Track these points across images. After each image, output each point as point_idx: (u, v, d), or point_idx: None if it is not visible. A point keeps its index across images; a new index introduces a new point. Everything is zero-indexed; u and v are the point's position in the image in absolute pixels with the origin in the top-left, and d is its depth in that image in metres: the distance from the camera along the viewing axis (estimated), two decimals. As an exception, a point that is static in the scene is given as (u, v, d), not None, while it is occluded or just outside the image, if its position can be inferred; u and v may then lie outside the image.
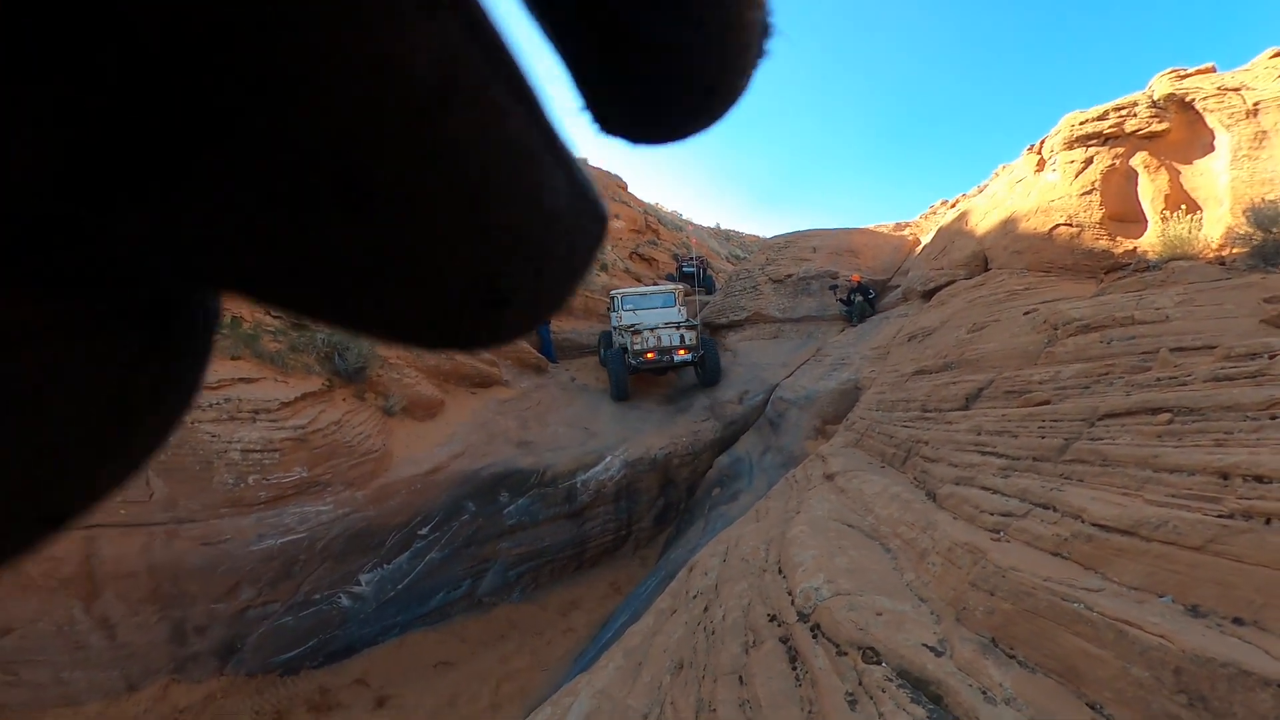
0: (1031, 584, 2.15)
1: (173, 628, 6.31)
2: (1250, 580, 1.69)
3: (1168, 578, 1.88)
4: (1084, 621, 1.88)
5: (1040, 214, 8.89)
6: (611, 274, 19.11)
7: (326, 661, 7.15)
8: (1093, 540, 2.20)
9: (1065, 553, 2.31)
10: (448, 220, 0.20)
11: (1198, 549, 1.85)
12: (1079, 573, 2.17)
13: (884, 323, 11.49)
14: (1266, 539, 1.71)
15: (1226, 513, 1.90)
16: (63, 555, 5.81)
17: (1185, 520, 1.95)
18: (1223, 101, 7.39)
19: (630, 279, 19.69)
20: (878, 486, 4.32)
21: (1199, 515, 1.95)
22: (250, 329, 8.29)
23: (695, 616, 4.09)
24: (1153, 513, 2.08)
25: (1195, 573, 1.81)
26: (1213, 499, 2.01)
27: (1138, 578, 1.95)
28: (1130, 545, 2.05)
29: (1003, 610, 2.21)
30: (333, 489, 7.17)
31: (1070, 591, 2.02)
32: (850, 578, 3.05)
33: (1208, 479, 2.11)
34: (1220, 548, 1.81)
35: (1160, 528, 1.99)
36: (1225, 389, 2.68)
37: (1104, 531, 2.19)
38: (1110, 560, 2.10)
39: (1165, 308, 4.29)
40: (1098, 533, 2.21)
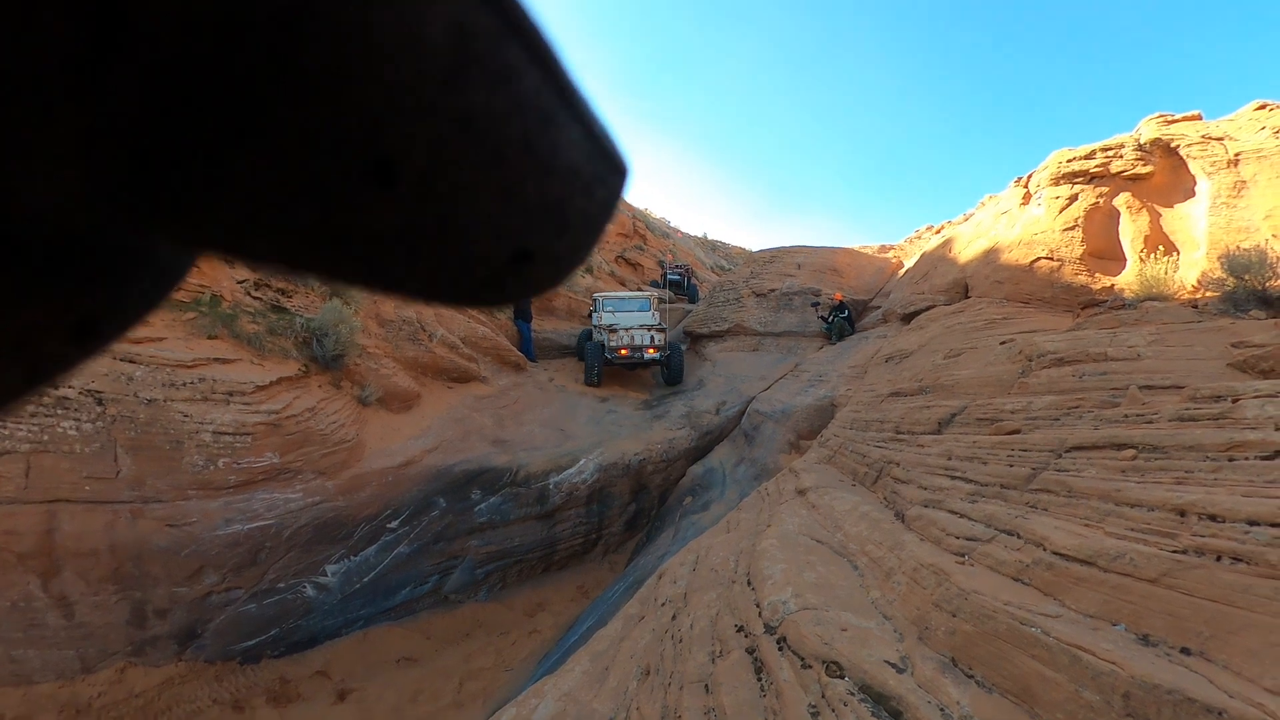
0: (992, 607, 2.23)
1: (132, 609, 6.20)
2: (1199, 613, 1.78)
3: (1122, 607, 1.97)
4: (1040, 645, 1.96)
5: (1023, 246, 9.13)
6: (596, 276, 19.15)
7: (288, 651, 7.07)
8: (1053, 568, 2.29)
9: (1026, 579, 2.40)
10: (471, 184, 0.21)
11: (1152, 581, 1.94)
12: (1038, 598, 2.25)
13: (863, 342, 11.67)
14: (1216, 575, 1.81)
15: (1181, 548, 1.99)
16: (23, 529, 5.68)
17: (1141, 553, 2.05)
18: (1206, 149, 7.69)
19: (615, 282, 19.75)
20: (848, 504, 4.40)
21: (1155, 549, 2.04)
22: (229, 309, 8.20)
23: (663, 624, 4.13)
24: (1111, 544, 2.17)
25: (1148, 604, 1.90)
26: (1169, 534, 2.10)
27: (1094, 606, 2.04)
28: (1089, 575, 2.14)
29: (963, 631, 2.28)
30: (303, 477, 7.10)
31: (1029, 616, 2.11)
32: (817, 593, 3.11)
33: (1166, 515, 2.21)
34: (1173, 581, 1.90)
35: (1118, 559, 2.09)
36: (1188, 429, 2.79)
37: (1064, 560, 2.28)
38: (1069, 588, 2.18)
39: (1138, 346, 4.45)
40: (1058, 561, 2.30)
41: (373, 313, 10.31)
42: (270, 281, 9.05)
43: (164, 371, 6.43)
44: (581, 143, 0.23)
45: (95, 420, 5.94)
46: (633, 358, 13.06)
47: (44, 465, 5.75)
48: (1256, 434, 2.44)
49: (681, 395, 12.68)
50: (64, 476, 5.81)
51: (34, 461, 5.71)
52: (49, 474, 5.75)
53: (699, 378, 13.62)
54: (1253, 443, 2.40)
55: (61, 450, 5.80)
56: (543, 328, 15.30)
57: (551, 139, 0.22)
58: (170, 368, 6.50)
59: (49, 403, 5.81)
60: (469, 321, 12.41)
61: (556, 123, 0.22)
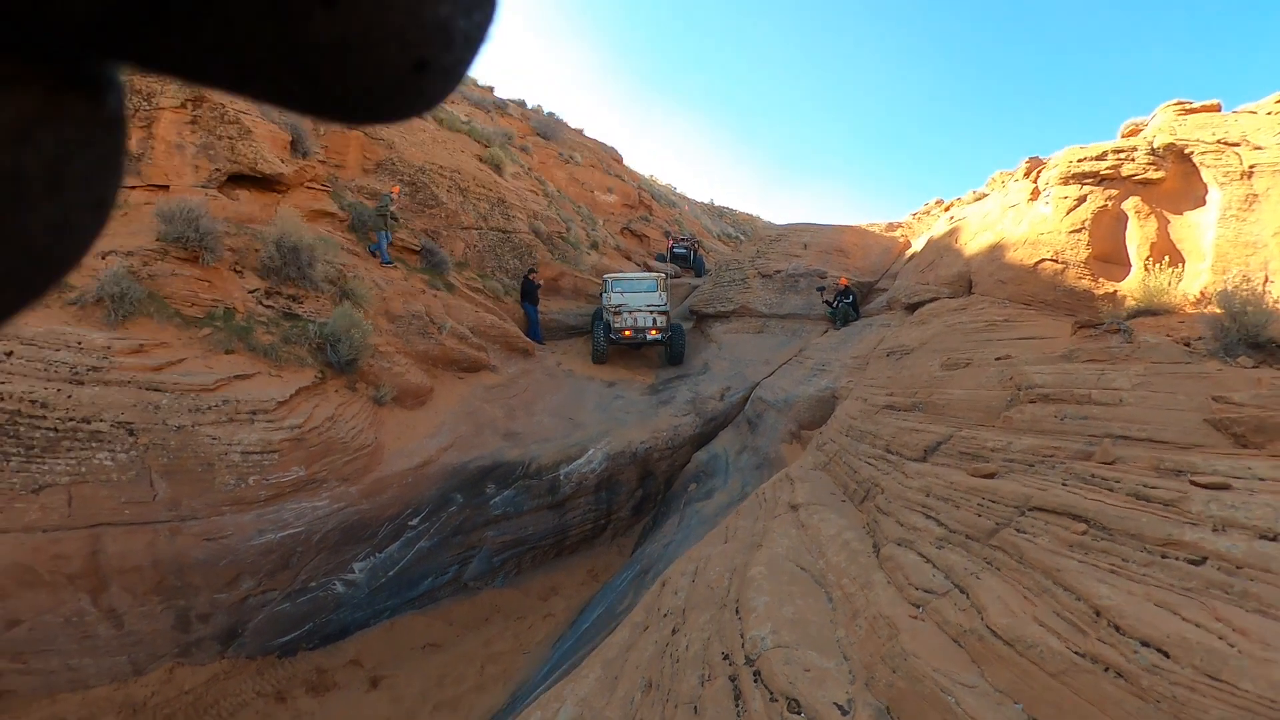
0: (923, 671, 2.59)
1: (177, 616, 6.72)
2: (1078, 712, 2.12)
3: (1025, 690, 2.31)
4: (950, 713, 2.33)
5: (1028, 246, 9.11)
6: (602, 251, 19.26)
7: (322, 643, 7.64)
8: (984, 640, 2.63)
9: (963, 643, 2.74)
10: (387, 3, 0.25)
11: (1052, 675, 2.26)
12: (965, 666, 2.60)
13: (866, 330, 11.85)
14: (1099, 684, 2.12)
15: (1082, 651, 2.30)
16: (70, 553, 6.13)
17: (1051, 648, 2.36)
18: (1220, 158, 7.54)
19: (620, 256, 19.85)
20: (834, 528, 4.74)
21: (1063, 646, 2.36)
22: (243, 321, 8.52)
23: (664, 638, 4.55)
24: (1032, 631, 2.49)
25: (1045, 694, 2.24)
26: (1081, 631, 2.41)
27: (1005, 683, 2.39)
28: (1008, 654, 2.47)
29: (899, 687, 2.65)
30: (328, 485, 7.54)
31: (950, 685, 2.46)
32: (792, 629, 3.48)
33: (1086, 611, 2.51)
34: (1067, 679, 2.22)
35: (1032, 647, 2.41)
36: (1138, 511, 3.04)
37: (993, 635, 2.61)
38: (991, 662, 2.52)
39: (1121, 390, 4.60)
40: (988, 635, 2.63)
41: (382, 309, 10.60)
42: (281, 289, 9.34)
43: (189, 397, 6.81)
44: None
45: (129, 450, 6.36)
46: (635, 339, 13.90)
47: (84, 494, 6.19)
48: (1193, 534, 2.70)
49: (687, 379, 13.02)
50: (104, 503, 6.26)
51: (75, 492, 6.16)
52: (90, 502, 6.20)
53: (704, 360, 13.93)
54: (1186, 544, 2.67)
55: (100, 480, 6.23)
56: (549, 309, 15.57)
57: None
58: (195, 393, 6.88)
59: (83, 437, 6.22)
60: (477, 311, 12.69)
61: None
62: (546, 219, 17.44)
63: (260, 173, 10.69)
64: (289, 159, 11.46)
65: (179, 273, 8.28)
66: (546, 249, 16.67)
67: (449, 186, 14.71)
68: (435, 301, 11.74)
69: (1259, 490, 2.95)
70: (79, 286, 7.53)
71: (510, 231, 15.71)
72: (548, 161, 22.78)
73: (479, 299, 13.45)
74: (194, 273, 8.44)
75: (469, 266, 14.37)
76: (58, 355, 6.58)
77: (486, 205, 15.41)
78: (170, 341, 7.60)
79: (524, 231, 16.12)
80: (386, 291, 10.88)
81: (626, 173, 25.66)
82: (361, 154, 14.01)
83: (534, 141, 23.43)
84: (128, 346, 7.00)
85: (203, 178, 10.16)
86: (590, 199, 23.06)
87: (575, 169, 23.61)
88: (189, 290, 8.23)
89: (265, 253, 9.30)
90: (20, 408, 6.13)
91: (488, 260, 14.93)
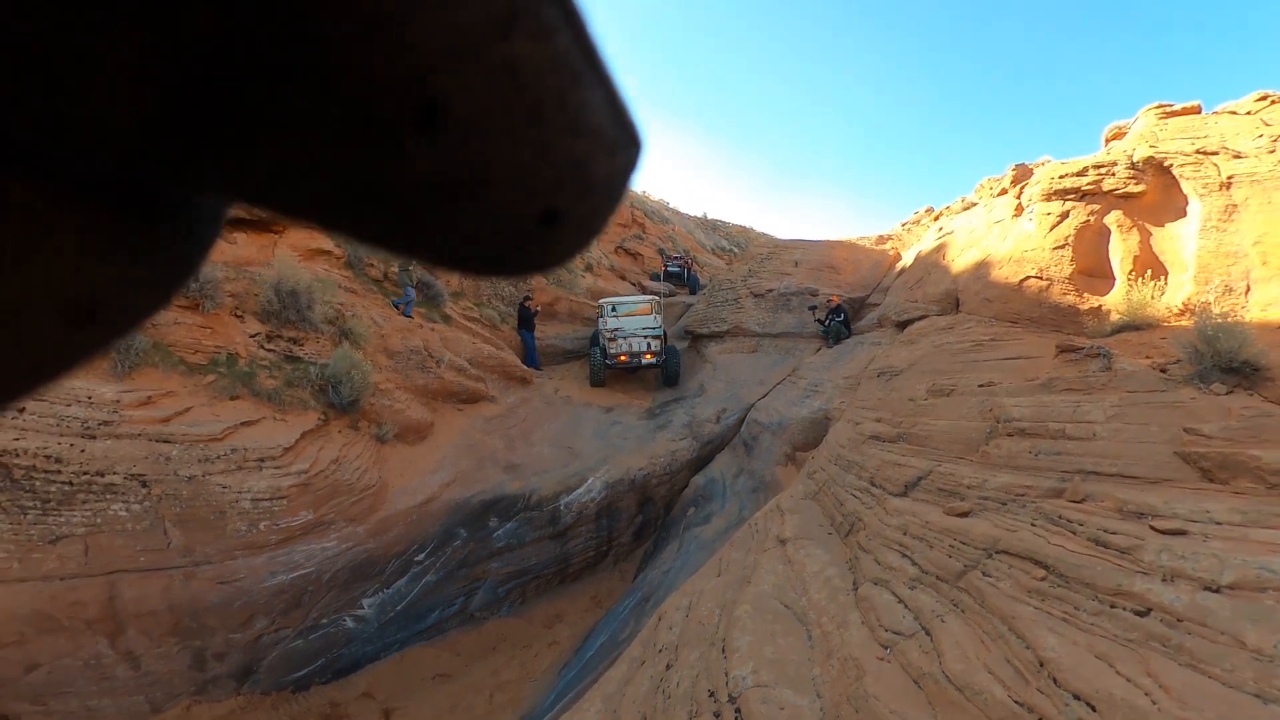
0: (881, 713, 2.84)
1: (193, 656, 6.94)
2: None
3: (971, 735, 2.54)
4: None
5: (1013, 263, 9.28)
6: (596, 273, 19.53)
7: (335, 677, 7.86)
8: (939, 684, 2.86)
9: (922, 685, 2.98)
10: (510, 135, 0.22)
11: (990, 724, 2.51)
12: (921, 709, 2.84)
13: (858, 348, 12.11)
14: None
15: (1021, 700, 2.53)
16: (87, 600, 6.37)
17: (995, 697, 2.60)
18: (1199, 169, 7.69)
19: (615, 276, 20.12)
20: (818, 564, 4.99)
21: (1005, 695, 2.59)
22: (246, 366, 8.77)
23: (659, 673, 4.78)
24: (981, 679, 2.73)
25: (985, 740, 2.48)
26: (1024, 680, 2.64)
27: (953, 727, 2.63)
28: (958, 699, 2.71)
29: (858, 727, 2.90)
30: (336, 526, 7.78)
31: (901, 730, 2.70)
32: (771, 669, 3.71)
33: (1031, 660, 2.73)
34: (1003, 728, 2.46)
35: (979, 695, 2.65)
36: (1095, 558, 3.23)
37: (947, 680, 2.85)
38: (944, 706, 2.76)
39: (1096, 423, 4.78)
40: (943, 680, 2.86)
41: (381, 346, 10.86)
42: (281, 332, 9.59)
43: (198, 448, 7.07)
44: (605, 106, 0.24)
45: (142, 501, 6.61)
46: (630, 363, 14.37)
47: (100, 544, 6.44)
48: (1142, 584, 2.89)
49: (683, 402, 13.27)
50: (120, 552, 6.50)
51: (91, 541, 6.41)
52: (106, 551, 6.45)
53: (700, 382, 14.18)
54: (1134, 594, 2.86)
55: (115, 530, 6.49)
56: (545, 334, 15.83)
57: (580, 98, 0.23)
58: (203, 443, 7.14)
59: (98, 490, 6.48)
60: (474, 341, 12.95)
61: (584, 83, 0.23)
62: (541, 244, 17.65)
63: (256, 215, 10.94)
64: (286, 200, 11.74)
65: (181, 321, 8.53)
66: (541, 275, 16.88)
67: (444, 216, 14.98)
68: (433, 335, 12.00)
69: (1212, 536, 3.09)
70: (87, 339, 7.78)
71: (505, 259, 15.96)
72: (540, 184, 22.95)
73: (475, 329, 13.72)
74: (196, 320, 8.69)
75: (465, 296, 14.63)
76: (69, 410, 6.83)
77: (481, 234, 15.67)
78: (176, 390, 7.84)
79: (519, 258, 16.35)
80: (385, 328, 11.14)
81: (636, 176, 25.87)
82: (357, 189, 14.30)
83: (526, 164, 23.58)
84: (136, 399, 7.25)
85: (202, 223, 10.42)
86: (584, 220, 23.11)
87: (568, 190, 23.73)
88: (192, 338, 8.47)
89: (264, 297, 9.55)
90: (35, 463, 6.38)
91: (483, 288, 15.20)
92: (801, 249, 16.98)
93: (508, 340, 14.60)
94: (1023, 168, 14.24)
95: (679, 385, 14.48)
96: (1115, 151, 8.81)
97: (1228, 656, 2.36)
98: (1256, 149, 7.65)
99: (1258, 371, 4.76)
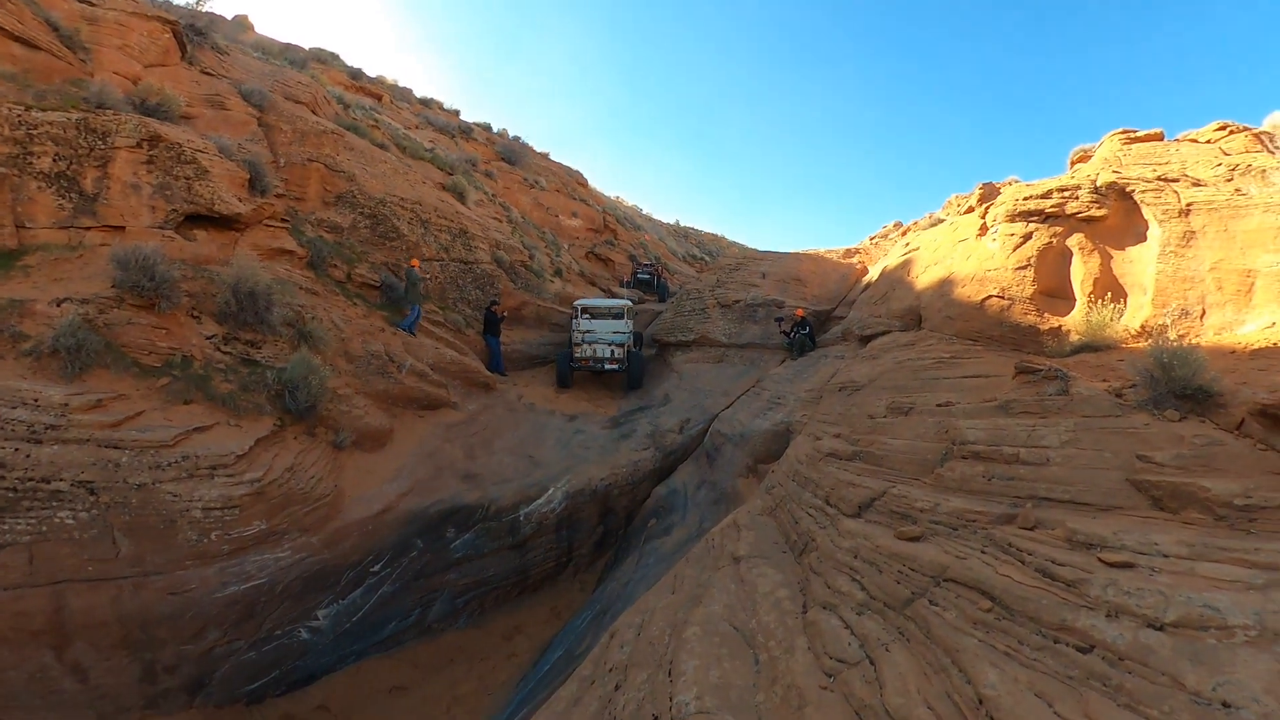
0: (822, 750, 2.93)
1: (144, 668, 6.80)
2: None
3: (906, 774, 2.65)
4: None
5: (976, 282, 9.47)
6: (566, 278, 19.52)
7: (289, 689, 7.76)
8: (879, 717, 2.97)
9: (862, 716, 3.08)
10: None
11: (924, 760, 2.62)
12: (859, 745, 2.95)
13: (822, 361, 12.28)
14: None
15: None
16: (32, 610, 6.20)
17: None
18: (1160, 196, 7.96)
19: (584, 281, 20.14)
20: (770, 584, 5.09)
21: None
22: (201, 369, 8.58)
23: (608, 693, 4.83)
24: (919, 714, 2.82)
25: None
26: (962, 717, 2.72)
27: (891, 764, 2.73)
28: (897, 736, 2.83)
29: (798, 760, 2.99)
30: (290, 536, 7.68)
31: (841, 766, 2.80)
32: (715, 695, 3.79)
33: (971, 696, 2.80)
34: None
35: (916, 733, 2.76)
36: (1042, 590, 3.22)
37: (887, 715, 2.94)
38: (882, 741, 2.88)
39: (1050, 448, 4.86)
40: (883, 714, 2.96)
41: (341, 350, 10.72)
42: (239, 334, 9.39)
43: (148, 454, 6.92)
44: None
45: (90, 509, 6.46)
46: (594, 366, 14.94)
47: (46, 553, 6.27)
48: (1087, 619, 2.88)
49: (648, 411, 13.36)
50: (66, 561, 6.35)
51: (36, 550, 6.24)
52: (51, 560, 6.29)
53: (665, 391, 14.29)
54: (1077, 630, 2.87)
55: (61, 538, 6.33)
56: (511, 339, 15.79)
57: None
58: (154, 449, 6.99)
59: (44, 497, 6.31)
60: (438, 346, 12.87)
61: None
62: (510, 248, 17.65)
63: (218, 213, 10.70)
64: (247, 197, 11.48)
65: (136, 321, 8.33)
66: (509, 278, 16.88)
67: (410, 218, 14.86)
68: (395, 339, 11.89)
69: (1159, 570, 3.08)
70: (34, 336, 7.54)
71: (472, 262, 15.90)
72: (512, 187, 22.99)
73: (440, 333, 13.62)
74: (151, 320, 8.49)
75: (430, 299, 14.52)
76: (14, 413, 6.64)
77: (448, 236, 15.58)
78: (128, 393, 7.66)
79: (486, 262, 16.32)
80: (345, 331, 11.00)
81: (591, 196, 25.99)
82: (322, 186, 14.07)
83: (499, 167, 23.62)
84: (85, 403, 7.07)
85: (159, 218, 10.14)
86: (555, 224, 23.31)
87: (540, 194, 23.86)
88: (146, 339, 8.28)
89: (222, 297, 9.36)
90: (-23, 469, 6.20)
91: (449, 292, 15.09)
92: (770, 260, 17.19)
93: (472, 345, 14.52)
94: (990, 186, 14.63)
95: (644, 394, 14.62)
96: (1080, 175, 9.06)
97: (1167, 698, 2.34)
98: (1215, 177, 7.95)
99: (1210, 398, 4.83)
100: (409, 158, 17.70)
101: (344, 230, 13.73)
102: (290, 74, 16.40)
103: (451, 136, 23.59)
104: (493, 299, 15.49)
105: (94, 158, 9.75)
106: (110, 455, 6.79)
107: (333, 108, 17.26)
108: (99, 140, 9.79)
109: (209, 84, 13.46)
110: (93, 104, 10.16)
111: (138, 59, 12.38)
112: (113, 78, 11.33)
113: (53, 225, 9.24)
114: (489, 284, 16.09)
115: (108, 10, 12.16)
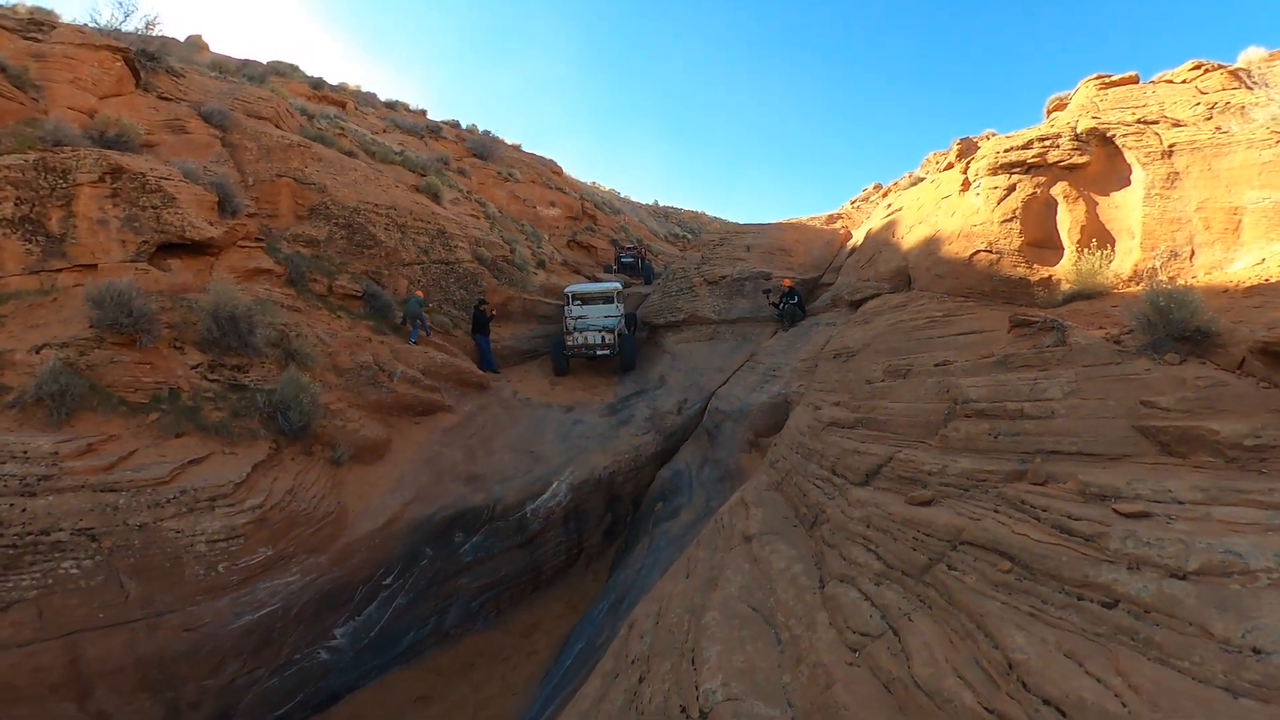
0: (845, 723, 2.91)
1: (167, 708, 6.74)
2: None
3: (940, 743, 2.62)
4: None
5: (962, 238, 9.38)
6: (549, 269, 19.35)
7: (314, 711, 7.74)
8: (908, 690, 2.93)
9: (891, 690, 3.05)
10: None
11: (961, 730, 2.58)
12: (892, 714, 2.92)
13: (814, 329, 12.22)
14: None
15: (990, 707, 2.55)
16: (48, 665, 6.12)
17: (964, 704, 2.64)
18: (1141, 139, 7.89)
19: (568, 271, 19.99)
20: (784, 560, 5.06)
21: (974, 702, 2.62)
22: (189, 400, 8.46)
23: (632, 686, 4.81)
24: (949, 684, 2.78)
25: (955, 749, 2.56)
26: (994, 684, 2.66)
27: (924, 735, 2.71)
28: (928, 705, 2.77)
29: (830, 737, 2.98)
30: (297, 559, 7.62)
31: (869, 740, 2.78)
32: (741, 679, 3.77)
33: (1000, 661, 2.73)
34: (971, 737, 2.54)
35: (949, 701, 2.70)
36: (1061, 547, 3.16)
37: (916, 686, 2.92)
38: (914, 713, 2.82)
39: (1054, 400, 4.78)
40: (912, 685, 2.93)
41: (330, 364, 10.60)
42: (224, 360, 9.25)
43: (146, 493, 6.83)
44: None
45: (93, 556, 6.38)
46: (585, 353, 15.09)
47: (54, 605, 6.19)
48: (1108, 574, 2.81)
49: (644, 395, 13.31)
50: (76, 611, 6.27)
51: (44, 604, 6.16)
52: (61, 612, 6.21)
53: (659, 374, 14.24)
54: (1100, 585, 2.80)
55: (68, 589, 6.24)
56: (500, 335, 15.67)
57: None
58: (151, 487, 6.90)
59: (45, 549, 6.22)
60: (427, 351, 12.76)
61: None
62: (489, 244, 17.46)
63: (190, 239, 10.52)
64: (218, 220, 11.27)
65: (118, 359, 8.20)
66: (492, 275, 16.72)
67: (386, 224, 14.66)
68: (383, 348, 11.77)
69: (1176, 518, 3.01)
70: (16, 387, 7.43)
71: (453, 262, 15.73)
72: (487, 182, 22.71)
73: (428, 337, 13.50)
74: (133, 357, 8.36)
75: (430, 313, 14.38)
76: (5, 468, 6.54)
77: (426, 239, 15.39)
78: (118, 433, 7.55)
79: (468, 260, 16.14)
80: (332, 345, 10.87)
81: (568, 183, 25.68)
82: (294, 201, 13.85)
83: (471, 163, 23.30)
84: (76, 449, 6.96)
85: (131, 252, 9.95)
86: (533, 215, 23.07)
87: (515, 186, 23.58)
88: (130, 376, 8.15)
89: (203, 325, 9.21)
90: (-27, 529, 6.10)
91: (433, 294, 14.93)
92: (753, 233, 17.08)
93: (462, 346, 14.40)
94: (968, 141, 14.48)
95: (640, 378, 14.59)
96: (1059, 123, 8.97)
97: (1196, 648, 2.29)
98: (1194, 117, 7.87)
99: (1209, 339, 4.74)
100: (379, 163, 17.42)
101: (320, 243, 13.53)
102: (250, 90, 16.04)
103: (420, 137, 23.24)
104: (480, 298, 15.35)
105: (56, 197, 9.54)
106: (107, 499, 6.70)
107: (297, 120, 16.93)
108: (60, 179, 9.58)
109: (167, 109, 13.17)
110: (49, 142, 9.93)
111: (91, 91, 12.08)
112: (67, 113, 11.07)
113: (23, 271, 9.06)
114: (472, 282, 15.92)
115: (55, 45, 11.84)
